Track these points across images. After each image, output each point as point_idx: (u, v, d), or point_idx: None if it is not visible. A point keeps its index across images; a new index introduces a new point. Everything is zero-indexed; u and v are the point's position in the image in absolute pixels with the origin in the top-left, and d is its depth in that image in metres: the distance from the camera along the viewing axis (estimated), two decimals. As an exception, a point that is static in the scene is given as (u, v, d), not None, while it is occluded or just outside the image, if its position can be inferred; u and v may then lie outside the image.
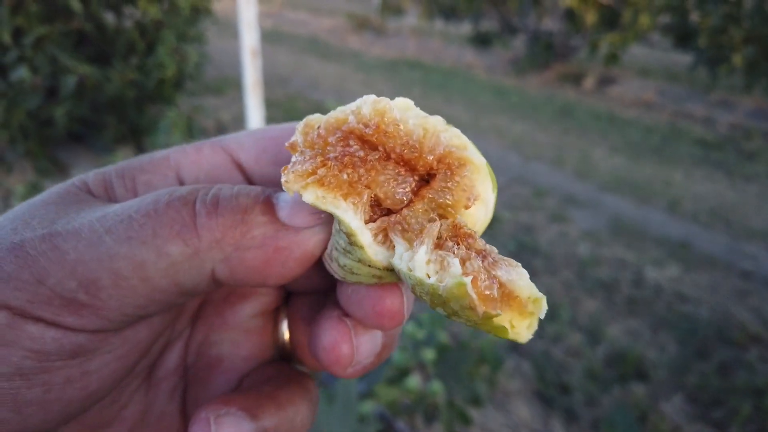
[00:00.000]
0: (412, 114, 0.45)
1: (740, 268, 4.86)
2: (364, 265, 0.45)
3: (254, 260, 0.45)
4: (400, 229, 0.44)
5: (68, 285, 0.40)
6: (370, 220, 0.45)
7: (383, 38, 16.20)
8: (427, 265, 0.40)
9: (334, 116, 0.44)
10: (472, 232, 0.44)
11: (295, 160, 0.44)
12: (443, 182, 0.45)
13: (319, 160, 0.43)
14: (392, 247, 0.44)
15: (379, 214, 0.45)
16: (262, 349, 0.60)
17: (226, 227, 0.44)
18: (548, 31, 12.79)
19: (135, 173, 0.52)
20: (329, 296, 0.57)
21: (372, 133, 0.43)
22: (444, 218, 0.44)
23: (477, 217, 0.46)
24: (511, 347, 3.66)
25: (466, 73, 12.59)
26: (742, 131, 9.01)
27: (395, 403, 2.60)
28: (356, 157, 0.44)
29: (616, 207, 6.02)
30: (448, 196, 0.44)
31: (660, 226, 5.62)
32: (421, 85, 11.20)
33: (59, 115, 4.92)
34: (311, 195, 0.42)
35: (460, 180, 0.45)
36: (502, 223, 5.41)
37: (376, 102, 0.43)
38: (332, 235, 0.47)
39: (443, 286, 0.39)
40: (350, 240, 0.44)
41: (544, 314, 0.40)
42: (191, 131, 5.37)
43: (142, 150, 5.80)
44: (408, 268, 0.41)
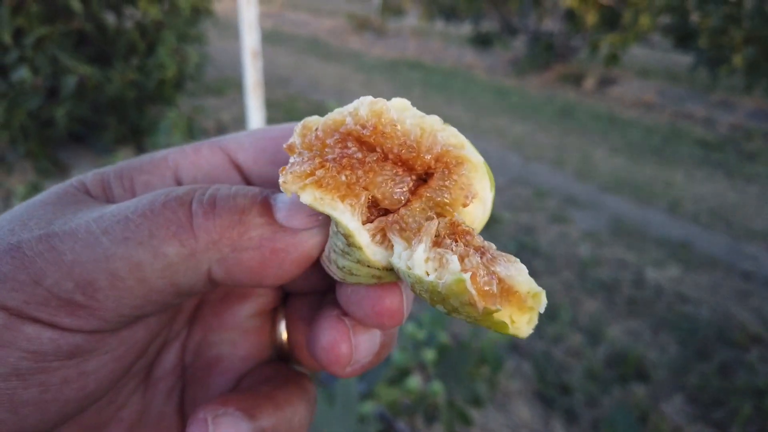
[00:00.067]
0: (409, 114, 0.45)
1: (741, 268, 4.86)
2: (363, 266, 0.45)
3: (251, 261, 0.45)
4: (398, 228, 0.44)
5: (65, 286, 0.40)
6: (368, 221, 0.45)
7: (384, 39, 16.21)
8: (425, 263, 0.40)
9: (331, 118, 0.44)
10: (470, 229, 0.44)
11: (293, 161, 0.44)
12: (441, 181, 0.45)
13: (317, 161, 0.43)
14: (390, 246, 0.44)
15: (376, 214, 0.45)
16: (259, 349, 0.60)
17: (223, 228, 0.44)
18: (549, 31, 12.80)
19: (133, 174, 0.52)
20: (327, 296, 0.57)
21: (369, 134, 0.43)
22: (442, 217, 0.44)
23: (475, 215, 0.46)
24: (512, 348, 3.66)
25: (467, 73, 12.60)
26: (742, 132, 9.01)
27: (395, 404, 2.60)
28: (354, 158, 0.44)
29: (617, 207, 6.02)
30: (446, 195, 0.44)
31: (660, 226, 5.62)
32: (421, 85, 11.21)
33: (60, 115, 4.93)
34: (309, 196, 0.42)
35: (458, 178, 0.45)
36: (502, 223, 5.41)
37: (373, 103, 0.43)
38: (330, 237, 0.47)
39: (442, 283, 0.39)
40: (348, 241, 0.44)
41: (543, 308, 0.40)
42: (192, 132, 5.37)
43: (142, 150, 5.80)
44: (407, 266, 0.41)
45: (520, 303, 0.40)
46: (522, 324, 0.40)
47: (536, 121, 9.20)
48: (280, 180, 0.43)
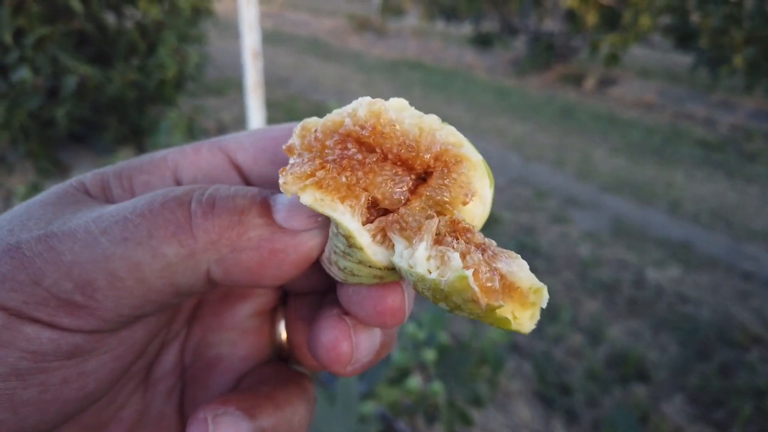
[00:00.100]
0: (407, 114, 0.45)
1: (741, 269, 4.85)
2: (365, 266, 0.45)
3: (249, 262, 0.45)
4: (398, 227, 0.44)
5: (64, 286, 0.40)
6: (367, 222, 0.45)
7: (384, 39, 16.21)
8: (427, 261, 0.40)
9: (330, 119, 0.44)
10: (471, 226, 0.44)
11: (293, 162, 0.44)
12: (440, 180, 0.45)
13: (317, 162, 0.43)
14: (391, 246, 0.44)
15: (376, 215, 0.45)
16: (259, 349, 0.60)
17: (222, 228, 0.44)
18: (549, 31, 12.80)
19: (133, 174, 0.52)
20: (327, 296, 0.57)
21: (369, 134, 0.43)
22: (442, 215, 0.44)
23: (475, 213, 0.46)
24: (512, 348, 3.66)
25: (467, 73, 12.59)
26: (743, 132, 9.01)
27: (396, 404, 2.60)
28: (354, 160, 0.44)
29: (617, 208, 6.02)
30: (446, 193, 0.45)
31: (661, 226, 5.62)
32: (421, 85, 11.21)
33: (60, 115, 4.93)
34: (309, 197, 0.42)
35: (457, 177, 0.45)
36: (502, 224, 5.41)
37: (372, 104, 0.44)
38: (330, 239, 0.47)
39: (445, 280, 0.39)
40: (349, 242, 0.44)
41: (545, 303, 0.40)
42: (192, 132, 5.37)
43: (143, 151, 5.81)
44: (409, 265, 0.41)
45: (522, 299, 0.40)
46: (524, 320, 0.40)
47: (536, 121, 9.20)
48: (280, 181, 0.43)
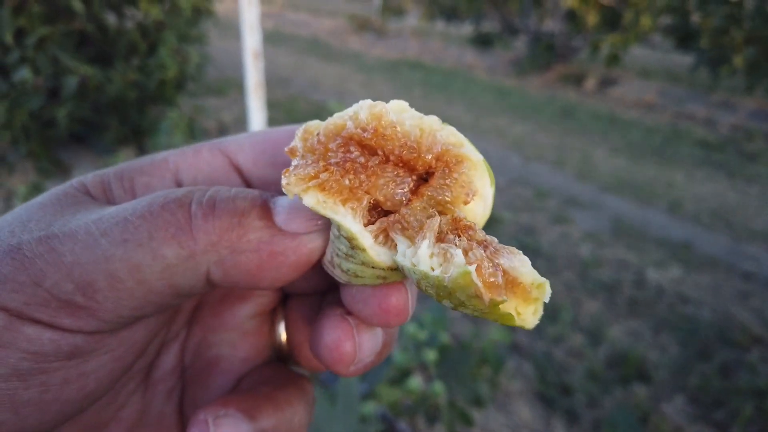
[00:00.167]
0: (407, 115, 0.45)
1: (742, 269, 4.85)
2: (368, 267, 0.45)
3: (248, 263, 0.45)
4: (400, 227, 0.44)
5: (65, 287, 0.40)
6: (369, 223, 0.45)
7: (384, 39, 16.21)
8: (430, 259, 0.41)
9: (332, 122, 0.44)
10: (472, 223, 0.44)
11: (296, 164, 0.44)
12: (442, 179, 0.45)
13: (321, 164, 0.44)
14: (394, 246, 0.44)
15: (377, 216, 0.46)
16: (259, 350, 0.60)
17: (222, 230, 0.44)
18: (549, 32, 12.80)
19: (133, 175, 0.52)
20: (327, 297, 0.57)
21: (370, 137, 0.44)
22: (444, 215, 0.45)
23: (476, 212, 0.46)
24: (513, 348, 3.66)
25: (467, 73, 12.60)
26: (743, 132, 9.01)
27: (397, 404, 2.60)
28: (357, 163, 0.44)
29: (618, 208, 6.02)
30: (447, 193, 0.45)
31: (661, 227, 5.62)
32: (422, 86, 11.21)
33: (61, 116, 4.93)
34: (312, 199, 0.43)
35: (458, 177, 0.45)
36: (503, 224, 5.41)
37: (373, 106, 0.44)
38: (332, 242, 0.47)
39: (448, 277, 0.39)
40: (351, 244, 0.44)
41: (548, 298, 0.41)
42: (193, 132, 5.38)
43: (143, 151, 5.81)
44: (412, 263, 0.41)
45: (525, 294, 0.41)
46: (528, 315, 0.41)
47: (537, 121, 9.20)
48: (283, 182, 0.43)
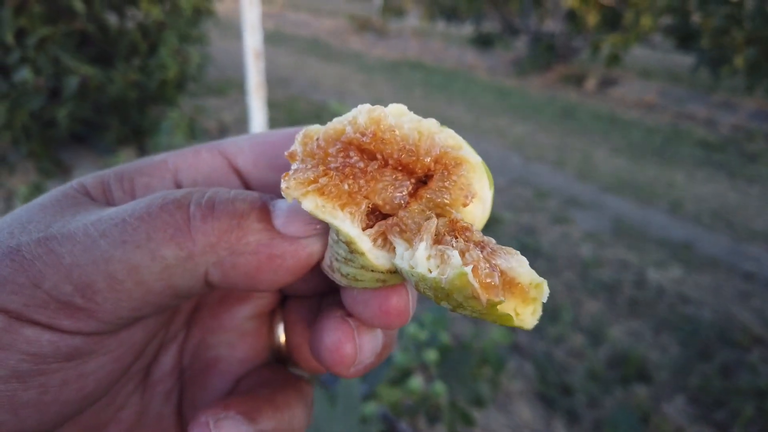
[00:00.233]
0: (406, 119, 0.45)
1: (742, 269, 4.85)
2: (367, 271, 0.45)
3: (246, 266, 0.45)
4: (398, 230, 0.44)
5: (64, 288, 0.40)
6: (367, 227, 0.45)
7: (384, 39, 16.21)
8: (427, 261, 0.41)
9: (332, 127, 0.45)
10: (469, 225, 0.44)
11: (296, 168, 0.44)
12: (441, 182, 0.45)
13: (321, 169, 0.44)
14: (392, 249, 0.44)
15: (374, 220, 0.46)
16: (257, 351, 0.60)
17: (221, 231, 0.44)
18: (550, 32, 12.79)
19: (133, 176, 0.52)
20: (327, 298, 0.58)
21: (369, 141, 0.44)
22: (442, 217, 0.45)
23: (475, 214, 0.46)
24: (513, 348, 3.66)
25: (468, 74, 12.60)
26: (744, 132, 9.00)
27: (398, 404, 2.60)
28: (356, 168, 0.44)
29: (618, 208, 6.01)
30: (446, 196, 0.45)
31: (662, 227, 5.62)
32: (422, 86, 11.21)
33: (62, 116, 4.94)
34: (311, 203, 0.43)
35: (457, 179, 0.46)
36: (503, 224, 5.41)
37: (371, 111, 0.44)
38: (330, 246, 0.47)
39: (445, 278, 0.39)
40: (350, 248, 0.44)
41: (546, 298, 0.41)
42: (193, 132, 5.38)
43: (144, 151, 5.82)
44: (410, 266, 0.41)
45: (524, 294, 0.41)
46: (526, 315, 0.41)
47: (537, 121, 9.20)
48: (283, 185, 0.43)
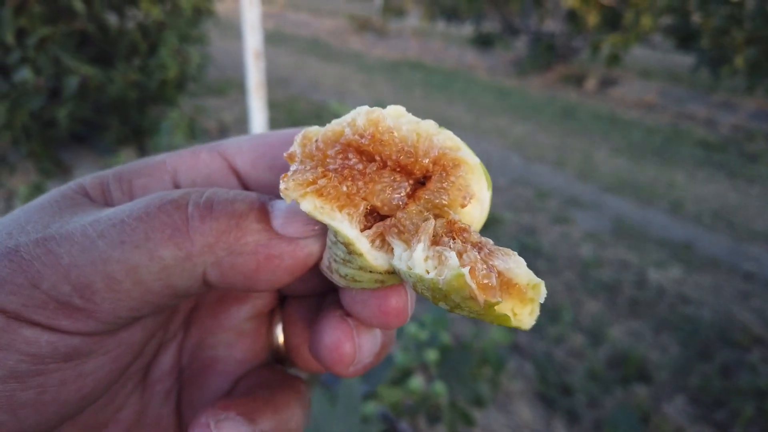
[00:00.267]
0: (404, 120, 0.45)
1: (743, 269, 4.85)
2: (365, 272, 0.45)
3: (245, 266, 0.45)
4: (396, 231, 0.44)
5: (62, 289, 0.41)
6: (365, 228, 0.45)
7: (385, 39, 16.21)
8: (425, 262, 0.41)
9: (330, 129, 0.45)
10: (467, 226, 0.44)
11: (295, 169, 0.44)
12: (439, 183, 0.46)
13: (320, 170, 0.44)
14: (390, 250, 0.45)
15: (373, 221, 0.46)
16: (256, 352, 0.60)
17: (219, 231, 0.44)
18: (550, 32, 12.79)
19: (132, 177, 0.52)
20: (326, 298, 0.58)
21: (368, 143, 0.44)
22: (440, 218, 0.45)
23: (473, 215, 0.47)
24: (514, 348, 3.66)
25: (468, 74, 12.60)
26: (744, 133, 9.00)
27: (398, 404, 2.60)
28: (355, 170, 0.45)
29: (619, 208, 6.01)
30: (444, 197, 0.45)
31: (662, 227, 5.62)
32: (422, 86, 11.21)
33: (62, 116, 4.94)
34: (309, 204, 0.43)
35: (455, 180, 0.46)
36: (504, 224, 5.41)
37: (370, 112, 0.44)
38: (329, 248, 0.48)
39: (442, 279, 0.39)
40: (349, 249, 0.44)
41: (543, 299, 0.41)
42: (193, 132, 5.38)
43: (144, 151, 5.82)
44: (407, 267, 0.41)
45: (521, 295, 0.41)
46: (524, 316, 0.41)
47: (537, 121, 9.20)
48: (282, 186, 0.43)
